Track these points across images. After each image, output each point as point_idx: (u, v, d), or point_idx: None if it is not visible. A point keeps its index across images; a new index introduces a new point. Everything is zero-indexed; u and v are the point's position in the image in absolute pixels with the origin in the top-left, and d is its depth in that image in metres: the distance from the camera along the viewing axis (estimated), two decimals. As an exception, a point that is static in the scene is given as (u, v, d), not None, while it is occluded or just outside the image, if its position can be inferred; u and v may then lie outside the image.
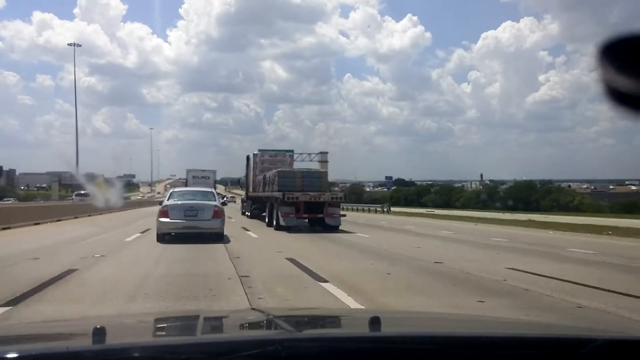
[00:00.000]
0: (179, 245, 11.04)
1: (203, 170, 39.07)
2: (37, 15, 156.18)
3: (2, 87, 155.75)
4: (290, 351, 1.27)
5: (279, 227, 16.62)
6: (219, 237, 12.15)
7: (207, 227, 12.42)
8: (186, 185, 37.90)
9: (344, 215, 18.86)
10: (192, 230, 12.22)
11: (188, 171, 38.20)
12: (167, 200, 13.08)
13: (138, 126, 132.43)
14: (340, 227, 17.24)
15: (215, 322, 2.09)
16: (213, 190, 15.44)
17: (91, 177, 30.69)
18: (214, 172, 39.90)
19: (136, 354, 1.26)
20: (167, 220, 12.17)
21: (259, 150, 26.69)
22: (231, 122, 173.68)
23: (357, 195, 72.24)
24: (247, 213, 26.89)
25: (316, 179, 18.73)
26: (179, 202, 12.76)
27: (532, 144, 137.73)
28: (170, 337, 1.81)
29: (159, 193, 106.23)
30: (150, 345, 1.41)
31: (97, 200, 19.10)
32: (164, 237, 11.97)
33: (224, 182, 77.48)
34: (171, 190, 14.22)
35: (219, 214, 12.67)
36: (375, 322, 1.56)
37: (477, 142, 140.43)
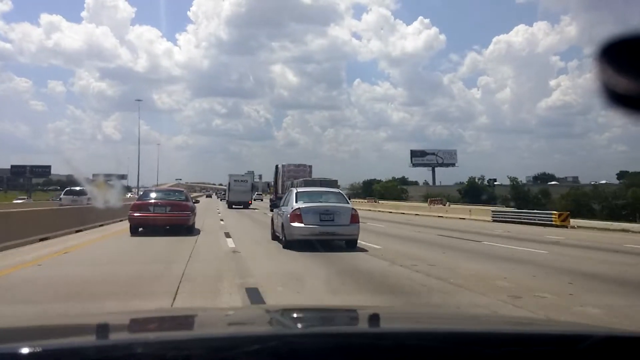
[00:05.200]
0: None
1: (242, 175, 48.89)
2: (45, 18, 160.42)
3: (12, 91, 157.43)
4: (290, 347, 1.30)
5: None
6: (351, 245, 11.29)
7: (344, 234, 11.31)
8: (229, 190, 45.75)
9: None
10: (328, 236, 11.19)
11: (230, 176, 46.40)
12: (296, 202, 11.50)
13: (148, 132, 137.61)
14: None
15: (217, 318, 2.13)
16: (341, 191, 14.14)
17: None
18: (252, 176, 49.88)
19: (139, 350, 1.28)
20: (301, 225, 10.97)
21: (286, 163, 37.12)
22: (241, 127, 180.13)
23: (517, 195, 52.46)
24: (275, 209, 36.63)
25: (330, 184, 28.54)
26: (313, 205, 11.36)
27: (543, 149, 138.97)
28: (172, 332, 1.82)
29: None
30: (153, 341, 1.43)
31: (96, 201, 18.08)
32: (294, 244, 10.93)
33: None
34: (295, 191, 12.40)
35: (356, 218, 11.43)
36: (374, 318, 1.60)
37: (488, 147, 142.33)
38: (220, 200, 63.92)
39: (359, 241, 11.54)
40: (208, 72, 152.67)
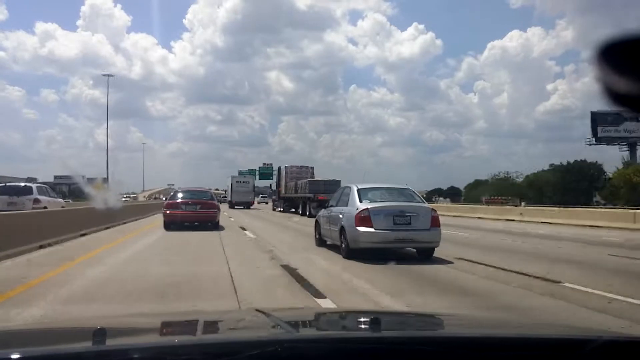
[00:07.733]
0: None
1: (245, 176, 48.28)
2: (40, 26, 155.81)
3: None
4: (290, 352, 1.29)
5: (310, 215, 24.79)
6: (427, 255, 9.22)
7: (423, 241, 9.22)
8: (231, 191, 44.62)
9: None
10: (404, 244, 9.41)
11: (232, 177, 46.08)
12: (360, 201, 9.44)
13: (141, 139, 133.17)
14: None
15: (216, 323, 2.11)
16: (410, 188, 10.89)
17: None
18: (253, 177, 49.42)
19: (136, 355, 1.27)
20: (370, 230, 8.94)
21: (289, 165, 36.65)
22: (236, 134, 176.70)
23: None
24: (279, 209, 36.50)
25: (334, 184, 28.19)
26: (385, 205, 9.38)
27: (540, 154, 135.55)
28: (170, 337, 1.82)
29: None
30: (151, 346, 1.43)
31: (96, 203, 17.46)
32: (360, 253, 8.92)
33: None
34: (355, 187, 10.05)
35: (437, 221, 9.36)
36: (375, 322, 1.60)
37: (485, 152, 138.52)
38: (219, 202, 62.08)
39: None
40: (203, 79, 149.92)
